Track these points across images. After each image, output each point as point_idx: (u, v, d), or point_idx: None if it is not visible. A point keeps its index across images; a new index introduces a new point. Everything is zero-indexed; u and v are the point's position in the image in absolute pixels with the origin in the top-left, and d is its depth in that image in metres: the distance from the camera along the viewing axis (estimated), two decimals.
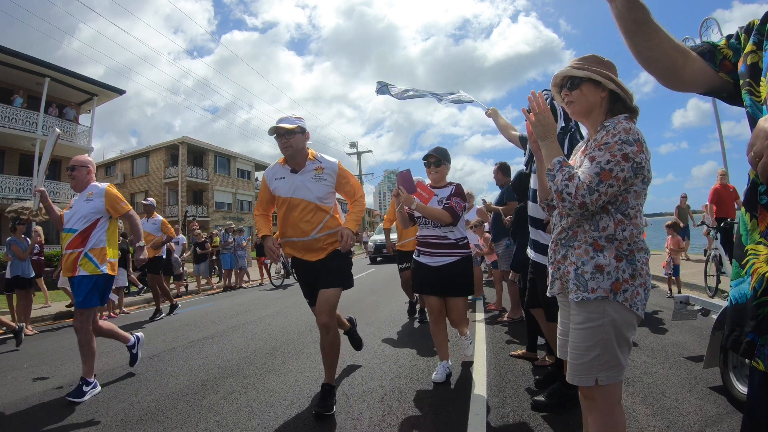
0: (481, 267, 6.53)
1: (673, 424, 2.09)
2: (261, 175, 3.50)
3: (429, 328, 3.10)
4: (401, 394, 2.69)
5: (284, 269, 10.76)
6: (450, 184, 2.95)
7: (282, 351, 3.94)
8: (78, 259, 2.98)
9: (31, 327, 5.71)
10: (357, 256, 21.76)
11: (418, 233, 3.00)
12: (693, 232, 9.56)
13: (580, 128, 2.28)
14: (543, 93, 1.49)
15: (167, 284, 7.59)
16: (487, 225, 5.57)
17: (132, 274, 8.51)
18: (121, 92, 19.20)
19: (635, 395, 2.47)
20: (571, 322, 1.40)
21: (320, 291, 2.51)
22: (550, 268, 1.52)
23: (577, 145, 1.61)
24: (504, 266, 5.05)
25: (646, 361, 3.10)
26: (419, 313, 5.02)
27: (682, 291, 5.86)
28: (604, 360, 1.31)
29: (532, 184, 2.51)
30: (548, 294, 1.56)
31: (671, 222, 6.47)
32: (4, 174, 15.63)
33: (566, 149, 2.24)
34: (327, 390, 2.48)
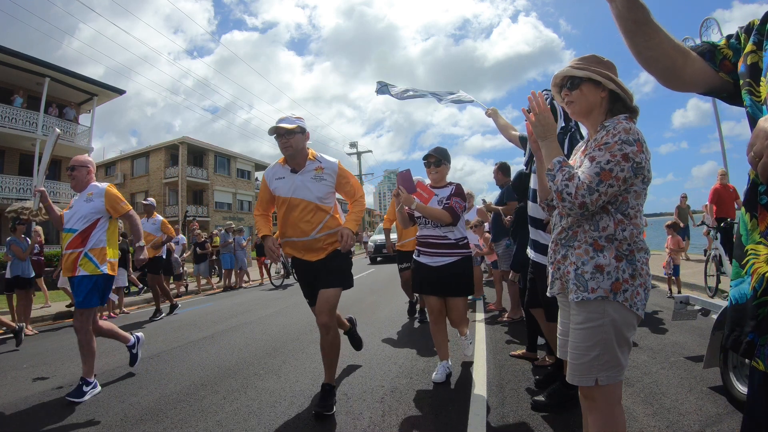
0: (481, 267, 6.53)
1: (673, 424, 2.09)
2: (261, 175, 3.50)
3: (429, 328, 3.10)
4: (401, 394, 2.69)
5: (284, 269, 10.77)
6: (450, 184, 2.95)
7: (282, 351, 3.94)
8: (78, 259, 2.99)
9: (31, 327, 5.71)
10: (357, 256, 21.76)
11: (418, 233, 3.00)
12: (693, 232, 9.56)
13: (580, 128, 2.28)
14: (543, 93, 1.49)
15: (167, 284, 7.59)
16: (487, 225, 5.57)
17: (132, 274, 8.51)
18: (121, 92, 19.21)
19: (635, 395, 2.47)
20: (571, 322, 1.40)
21: (320, 291, 2.51)
22: (550, 268, 1.52)
23: (577, 145, 1.61)
24: (504, 266, 5.05)
25: (646, 361, 3.10)
26: (419, 313, 5.02)
27: (682, 291, 5.86)
28: (604, 360, 1.32)
29: (532, 184, 2.51)
30: (548, 294, 1.56)
31: (671, 222, 6.47)
32: (4, 174, 15.64)
33: (566, 149, 2.24)
34: (327, 390, 2.48)
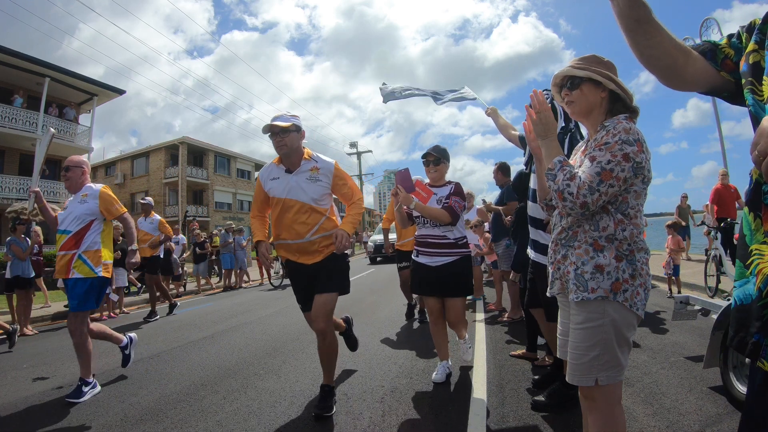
0: (481, 267, 6.53)
1: (673, 424, 2.09)
2: None
3: (429, 329, 3.10)
4: (401, 394, 2.69)
5: (283, 269, 10.76)
6: (449, 183, 2.94)
7: (282, 351, 3.94)
8: (72, 261, 2.96)
9: (31, 327, 5.71)
10: (357, 257, 21.76)
11: (417, 233, 2.99)
12: (693, 232, 9.56)
13: (580, 128, 2.28)
14: (543, 93, 1.49)
15: (167, 284, 7.58)
16: (487, 225, 5.57)
17: (131, 274, 8.50)
18: (121, 92, 19.21)
19: (635, 395, 2.47)
20: (571, 322, 1.40)
21: (316, 296, 2.45)
22: (550, 268, 1.52)
23: (577, 145, 1.61)
24: (504, 266, 5.05)
25: (646, 361, 3.10)
26: (419, 314, 5.02)
27: (682, 291, 5.86)
28: (604, 360, 1.31)
29: (532, 184, 2.50)
30: (548, 294, 1.56)
31: (672, 222, 6.48)
32: (4, 174, 15.64)
33: (566, 149, 2.24)
34: (326, 391, 2.47)
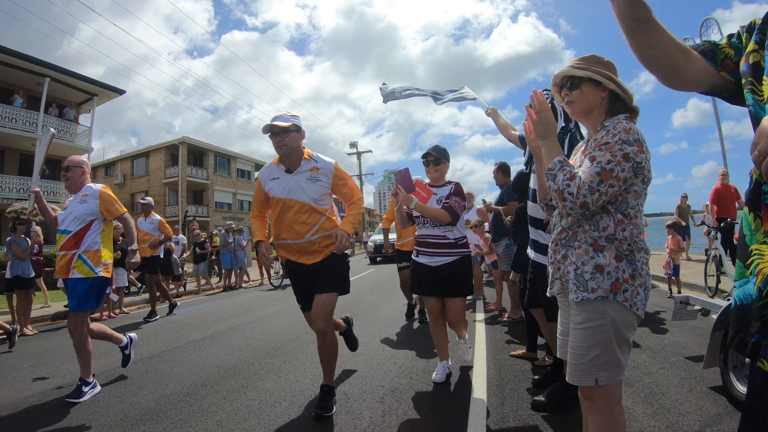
0: (481, 267, 6.53)
1: (673, 424, 2.09)
2: None
3: (429, 329, 3.10)
4: (401, 394, 2.69)
5: (283, 269, 10.76)
6: (449, 183, 2.94)
7: (282, 351, 3.94)
8: (72, 261, 2.96)
9: (31, 327, 5.71)
10: (357, 257, 21.76)
11: (417, 233, 2.99)
12: (693, 232, 9.56)
13: (580, 128, 2.28)
14: (543, 93, 1.49)
15: (167, 284, 7.58)
16: (487, 225, 5.57)
17: (131, 274, 8.50)
18: (121, 92, 19.21)
19: (635, 395, 2.47)
20: (571, 322, 1.40)
21: (316, 296, 2.45)
22: (550, 268, 1.52)
23: (577, 145, 1.61)
24: (504, 266, 5.05)
25: (646, 361, 3.10)
26: (419, 314, 5.02)
27: (682, 291, 5.86)
28: (604, 360, 1.31)
29: (532, 184, 2.50)
30: (548, 294, 1.56)
31: (672, 222, 6.47)
32: (4, 174, 15.64)
33: (566, 149, 2.23)
34: (326, 391, 2.47)
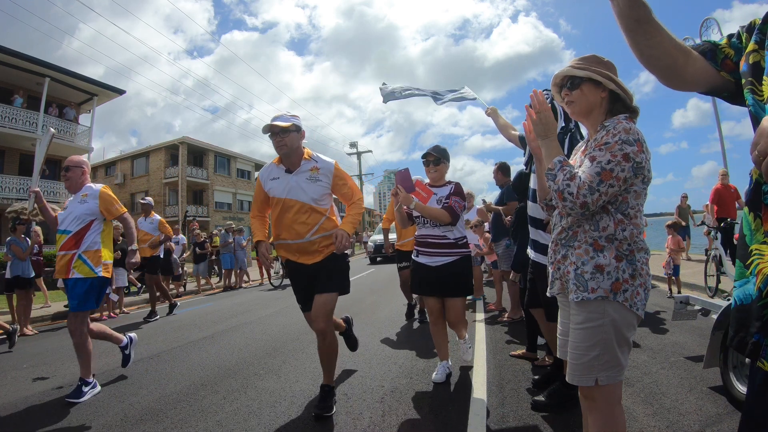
0: (481, 267, 6.53)
1: (673, 424, 2.09)
2: None
3: (429, 329, 3.10)
4: (401, 394, 2.69)
5: (283, 269, 10.76)
6: (449, 183, 2.94)
7: (282, 351, 3.94)
8: (72, 261, 2.96)
9: (31, 327, 5.71)
10: (357, 257, 21.76)
11: (417, 233, 2.99)
12: (693, 232, 9.56)
13: (580, 128, 2.28)
14: (543, 93, 1.49)
15: (167, 284, 7.58)
16: (487, 225, 5.57)
17: (131, 274, 8.50)
18: (121, 92, 19.21)
19: (635, 395, 2.47)
20: (571, 322, 1.40)
21: (316, 296, 2.45)
22: (550, 268, 1.52)
23: (577, 145, 1.61)
24: (504, 266, 5.05)
25: (646, 361, 3.10)
26: (419, 314, 5.02)
27: (682, 291, 5.86)
28: (604, 360, 1.31)
29: (532, 184, 2.50)
30: (548, 294, 1.56)
31: (672, 222, 6.47)
32: (4, 174, 15.64)
33: (566, 149, 2.24)
34: (326, 391, 2.47)
